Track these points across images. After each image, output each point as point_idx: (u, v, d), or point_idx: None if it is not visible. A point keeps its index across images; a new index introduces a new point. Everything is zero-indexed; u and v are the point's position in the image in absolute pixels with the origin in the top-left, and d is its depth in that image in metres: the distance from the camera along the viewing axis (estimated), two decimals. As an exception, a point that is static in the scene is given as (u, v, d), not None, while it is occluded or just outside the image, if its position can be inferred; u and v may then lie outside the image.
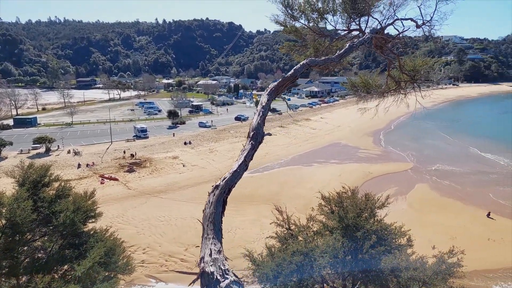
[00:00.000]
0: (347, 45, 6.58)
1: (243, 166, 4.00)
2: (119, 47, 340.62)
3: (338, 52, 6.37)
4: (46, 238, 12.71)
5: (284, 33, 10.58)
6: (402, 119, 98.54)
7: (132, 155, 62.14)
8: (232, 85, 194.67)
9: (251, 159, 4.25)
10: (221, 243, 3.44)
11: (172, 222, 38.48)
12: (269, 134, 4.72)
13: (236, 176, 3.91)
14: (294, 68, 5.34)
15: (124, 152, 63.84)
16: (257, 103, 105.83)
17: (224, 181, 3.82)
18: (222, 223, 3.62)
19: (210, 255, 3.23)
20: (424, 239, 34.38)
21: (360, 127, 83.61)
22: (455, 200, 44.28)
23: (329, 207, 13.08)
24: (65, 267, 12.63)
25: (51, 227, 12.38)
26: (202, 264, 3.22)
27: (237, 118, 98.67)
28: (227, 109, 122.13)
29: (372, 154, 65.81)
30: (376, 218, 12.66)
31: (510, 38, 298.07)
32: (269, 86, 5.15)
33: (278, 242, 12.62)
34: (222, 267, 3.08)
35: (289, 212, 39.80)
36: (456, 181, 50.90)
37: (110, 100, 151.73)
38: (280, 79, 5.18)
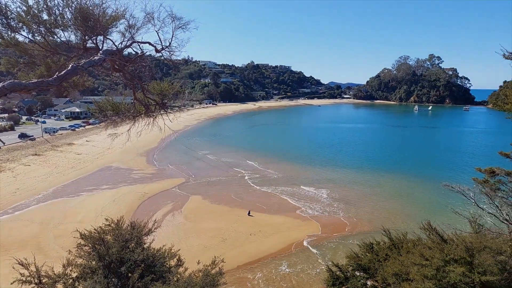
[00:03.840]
0: (70, 66, 5.72)
1: None
2: None
3: (57, 74, 5.40)
4: None
5: (2, 47, 8.44)
6: (174, 136, 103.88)
7: None
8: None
9: None
10: None
11: None
12: None
13: None
14: (-20, 93, 3.98)
15: None
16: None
17: None
18: None
19: None
20: (200, 246, 37.23)
21: (132, 148, 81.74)
22: (223, 205, 50.16)
23: (90, 245, 11.49)
24: None
25: None
26: None
27: None
28: None
29: (146, 173, 65.52)
30: (144, 246, 12.13)
31: (250, 66, 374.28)
32: None
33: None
34: None
35: (54, 253, 33.53)
36: (220, 188, 57.94)
37: None
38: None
